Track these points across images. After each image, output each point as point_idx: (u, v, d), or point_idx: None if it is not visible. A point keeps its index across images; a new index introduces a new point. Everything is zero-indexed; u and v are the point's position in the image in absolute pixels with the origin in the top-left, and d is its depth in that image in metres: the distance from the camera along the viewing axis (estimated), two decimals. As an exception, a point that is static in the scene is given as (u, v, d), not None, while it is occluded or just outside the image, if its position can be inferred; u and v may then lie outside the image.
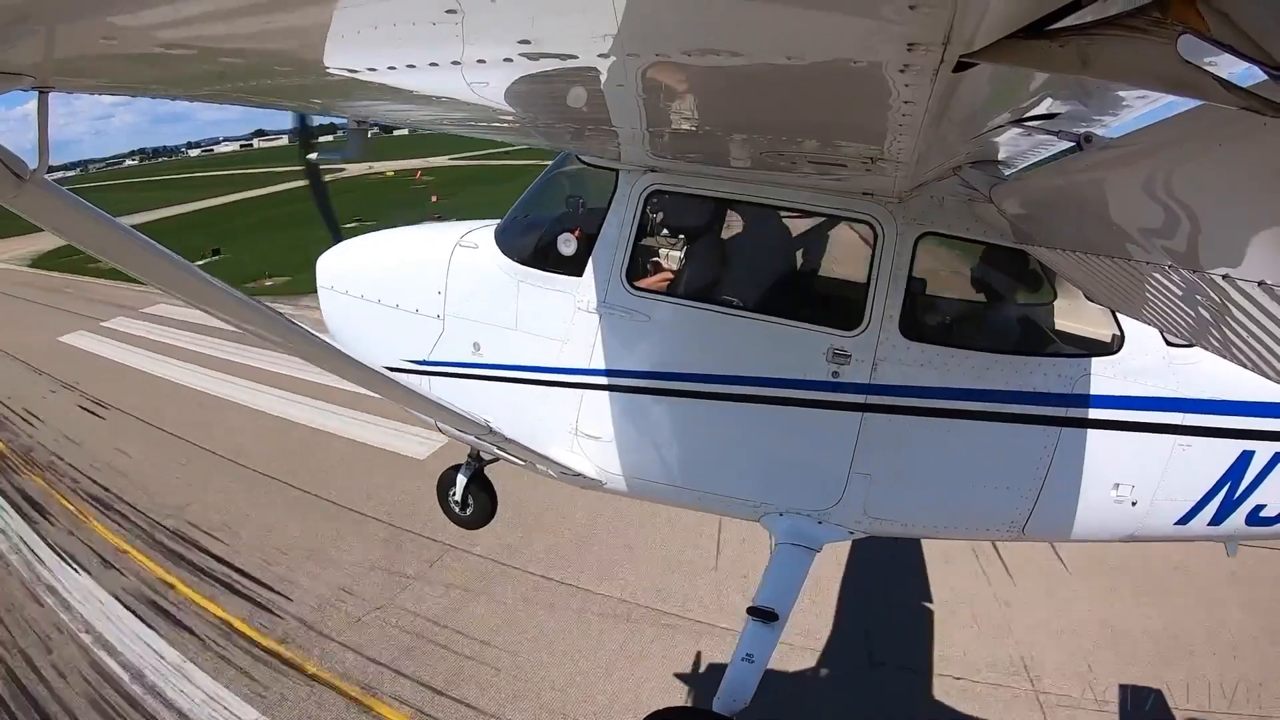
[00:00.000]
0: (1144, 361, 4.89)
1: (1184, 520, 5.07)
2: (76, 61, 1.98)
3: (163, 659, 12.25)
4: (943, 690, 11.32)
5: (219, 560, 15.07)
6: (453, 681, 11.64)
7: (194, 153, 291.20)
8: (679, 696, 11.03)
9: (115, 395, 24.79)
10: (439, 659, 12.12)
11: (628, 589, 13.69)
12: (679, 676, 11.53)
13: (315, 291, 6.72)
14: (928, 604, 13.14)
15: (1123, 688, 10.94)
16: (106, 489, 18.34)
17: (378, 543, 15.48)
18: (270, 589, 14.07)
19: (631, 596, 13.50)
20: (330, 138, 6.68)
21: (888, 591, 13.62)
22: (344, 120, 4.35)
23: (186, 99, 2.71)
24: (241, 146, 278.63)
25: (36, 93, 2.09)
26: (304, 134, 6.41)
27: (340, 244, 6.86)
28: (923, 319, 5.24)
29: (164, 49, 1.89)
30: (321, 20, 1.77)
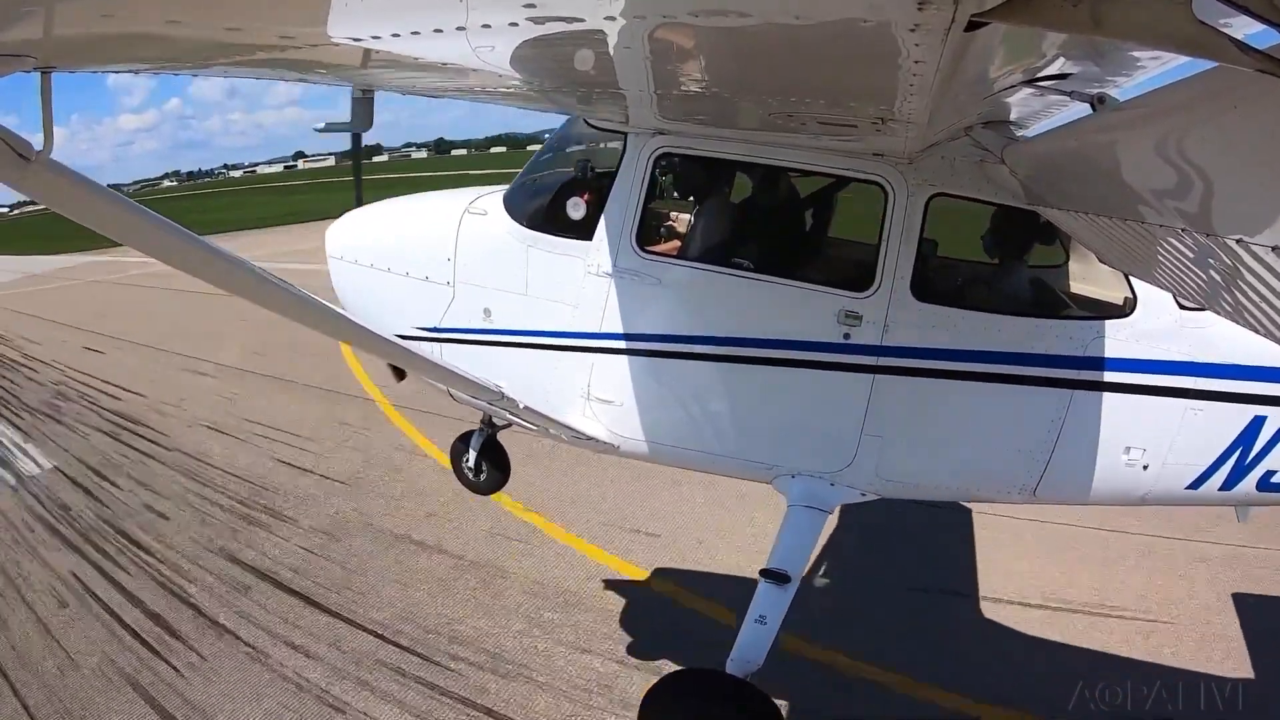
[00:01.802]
0: (1156, 324, 4.84)
1: (1195, 485, 5.05)
2: (77, 40, 1.97)
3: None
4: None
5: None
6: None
7: (236, 173, 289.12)
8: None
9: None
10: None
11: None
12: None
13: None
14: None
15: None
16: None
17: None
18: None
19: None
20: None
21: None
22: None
23: (190, 72, 2.69)
24: (285, 168, 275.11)
25: (39, 73, 2.08)
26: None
27: (348, 214, 6.83)
28: (934, 280, 5.20)
29: (164, 23, 1.87)
30: None
